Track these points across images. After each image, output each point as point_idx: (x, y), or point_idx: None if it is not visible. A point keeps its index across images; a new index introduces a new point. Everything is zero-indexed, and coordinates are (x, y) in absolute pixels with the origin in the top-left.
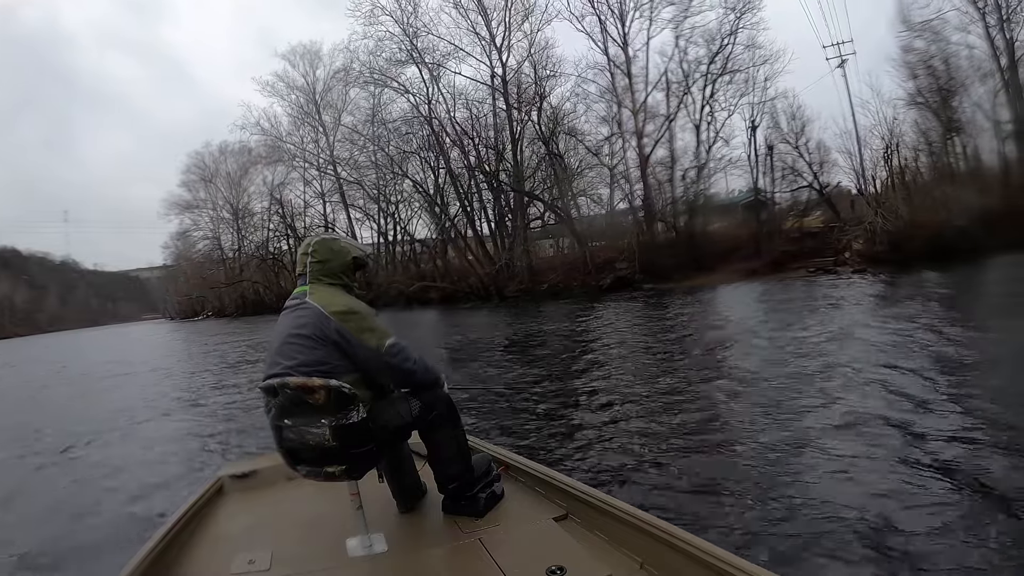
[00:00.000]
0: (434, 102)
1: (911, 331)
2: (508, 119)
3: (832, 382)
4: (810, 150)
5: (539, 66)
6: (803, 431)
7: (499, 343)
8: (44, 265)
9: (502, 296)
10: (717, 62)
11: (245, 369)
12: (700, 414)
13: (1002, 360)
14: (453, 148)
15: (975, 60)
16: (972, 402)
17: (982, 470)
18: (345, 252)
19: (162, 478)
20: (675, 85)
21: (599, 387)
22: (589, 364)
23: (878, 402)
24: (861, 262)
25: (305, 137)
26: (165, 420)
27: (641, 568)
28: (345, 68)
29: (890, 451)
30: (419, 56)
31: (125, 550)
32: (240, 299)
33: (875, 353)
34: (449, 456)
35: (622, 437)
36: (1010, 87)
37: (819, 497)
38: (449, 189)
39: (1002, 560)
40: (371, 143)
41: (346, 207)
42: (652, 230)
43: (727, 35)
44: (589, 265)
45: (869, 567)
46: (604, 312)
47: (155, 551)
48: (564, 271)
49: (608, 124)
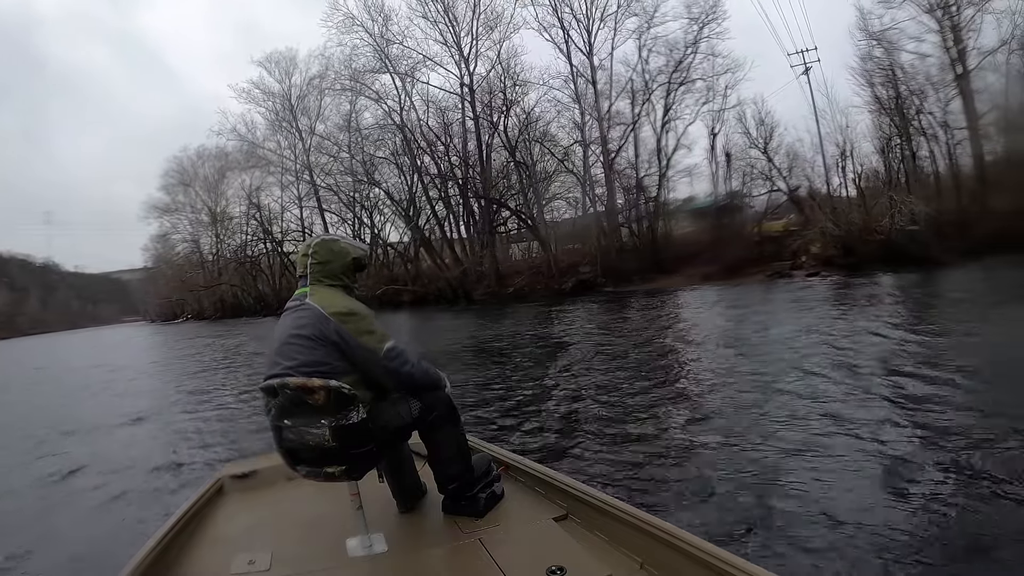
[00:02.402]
0: (406, 109)
1: (839, 330)
2: (476, 127)
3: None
4: (778, 155)
5: (505, 75)
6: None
7: (464, 344)
8: (25, 267)
9: (469, 299)
10: (680, 71)
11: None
12: (614, 402)
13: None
14: (424, 155)
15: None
16: (898, 395)
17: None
18: (345, 253)
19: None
20: (639, 94)
21: (550, 384)
22: (536, 363)
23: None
24: (816, 265)
25: (282, 142)
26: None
27: (641, 568)
28: (320, 75)
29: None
30: (391, 65)
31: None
32: (219, 302)
33: (802, 351)
34: (449, 456)
35: (569, 423)
36: (963, 95)
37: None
38: (422, 195)
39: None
40: (345, 150)
41: (321, 212)
42: (615, 235)
43: (689, 45)
44: (553, 269)
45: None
46: (561, 315)
47: (155, 551)
48: (530, 275)
49: (574, 131)
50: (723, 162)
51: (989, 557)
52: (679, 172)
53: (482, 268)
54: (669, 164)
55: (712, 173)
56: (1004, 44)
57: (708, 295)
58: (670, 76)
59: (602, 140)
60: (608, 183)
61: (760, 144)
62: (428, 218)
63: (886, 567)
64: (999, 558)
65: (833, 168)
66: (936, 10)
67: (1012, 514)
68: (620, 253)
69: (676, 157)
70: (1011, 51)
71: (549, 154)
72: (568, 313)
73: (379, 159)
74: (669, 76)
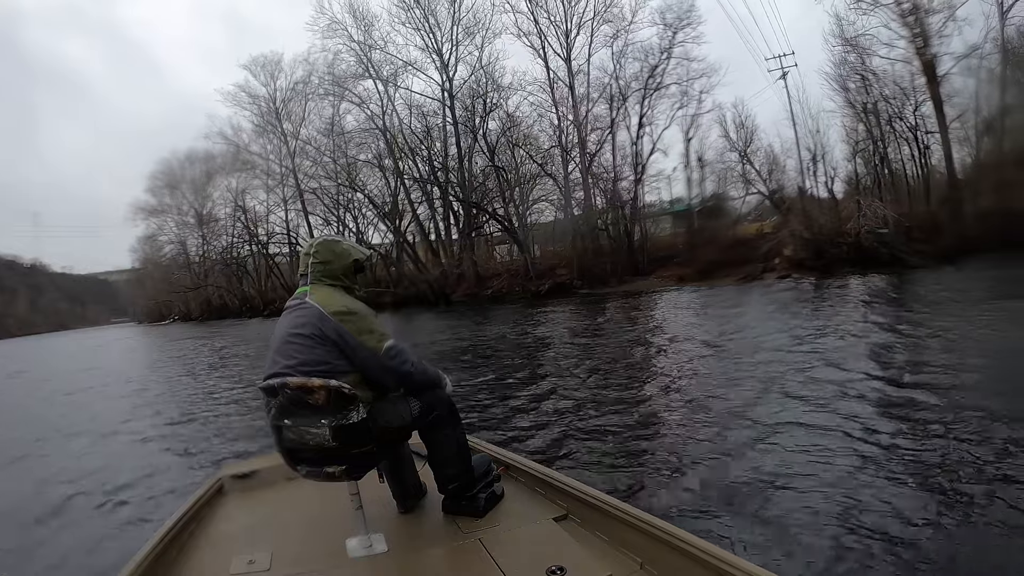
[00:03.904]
0: (389, 114)
1: (793, 331)
2: (455, 132)
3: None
4: (758, 158)
5: (488, 81)
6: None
7: (439, 344)
8: (13, 268)
9: (448, 301)
10: (655, 77)
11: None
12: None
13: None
14: (406, 159)
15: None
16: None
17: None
18: (347, 254)
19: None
20: (616, 99)
21: (513, 383)
22: (501, 363)
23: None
24: (788, 268)
25: (267, 145)
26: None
27: (641, 568)
28: (304, 80)
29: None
30: (375, 71)
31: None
32: (206, 303)
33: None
34: (449, 456)
35: (533, 413)
36: (934, 100)
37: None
38: (404, 198)
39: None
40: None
41: (306, 215)
42: (591, 237)
43: (665, 50)
44: (530, 271)
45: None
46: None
47: (155, 551)
48: (508, 277)
49: (553, 136)
50: (696, 166)
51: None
52: (654, 176)
53: (461, 270)
54: (645, 168)
55: (687, 177)
56: (976, 50)
57: (681, 297)
58: (645, 82)
59: (580, 144)
60: (585, 186)
61: (740, 147)
62: (410, 221)
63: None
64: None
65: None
66: (907, 16)
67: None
68: (597, 256)
69: (653, 161)
70: (982, 56)
71: (529, 158)
72: (540, 315)
73: (362, 163)
74: (644, 82)
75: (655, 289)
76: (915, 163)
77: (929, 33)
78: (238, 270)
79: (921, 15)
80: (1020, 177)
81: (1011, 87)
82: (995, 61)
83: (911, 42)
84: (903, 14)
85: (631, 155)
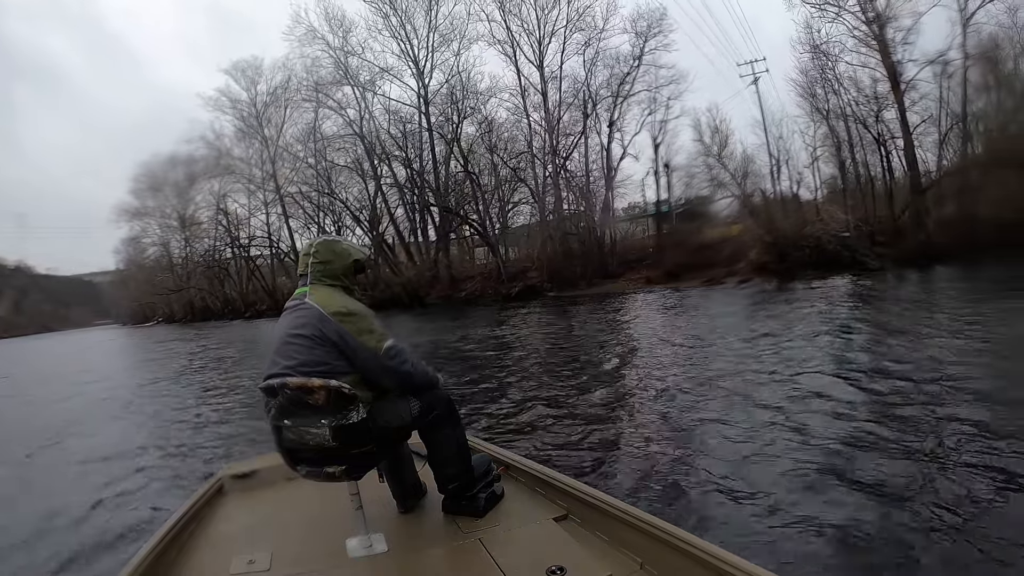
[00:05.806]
0: (366, 119)
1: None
2: (430, 138)
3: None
4: (732, 162)
5: (464, 88)
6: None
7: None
8: None
9: (423, 303)
10: (625, 84)
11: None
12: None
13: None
14: (383, 164)
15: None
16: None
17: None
18: (346, 254)
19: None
20: (588, 105)
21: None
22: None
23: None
24: (751, 272)
25: (249, 149)
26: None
27: (641, 568)
28: (283, 86)
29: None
30: (353, 78)
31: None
32: (188, 305)
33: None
34: (449, 456)
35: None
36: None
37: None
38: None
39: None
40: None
41: (286, 219)
42: (561, 241)
43: (636, 58)
44: (503, 274)
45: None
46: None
47: (155, 551)
48: (481, 280)
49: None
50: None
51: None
52: (625, 180)
53: (435, 273)
54: (615, 173)
55: (655, 181)
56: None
57: (647, 299)
58: (616, 89)
59: (552, 149)
60: (556, 191)
61: (715, 151)
62: (387, 225)
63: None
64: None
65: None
66: (872, 24)
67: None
68: (567, 259)
69: (624, 166)
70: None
71: (503, 163)
72: (508, 317)
73: (341, 167)
74: (616, 89)
75: (623, 292)
76: (881, 168)
77: (892, 40)
78: (220, 273)
79: (883, 22)
80: (982, 183)
81: (975, 94)
82: (959, 67)
83: (876, 49)
84: (867, 21)
85: (602, 160)
